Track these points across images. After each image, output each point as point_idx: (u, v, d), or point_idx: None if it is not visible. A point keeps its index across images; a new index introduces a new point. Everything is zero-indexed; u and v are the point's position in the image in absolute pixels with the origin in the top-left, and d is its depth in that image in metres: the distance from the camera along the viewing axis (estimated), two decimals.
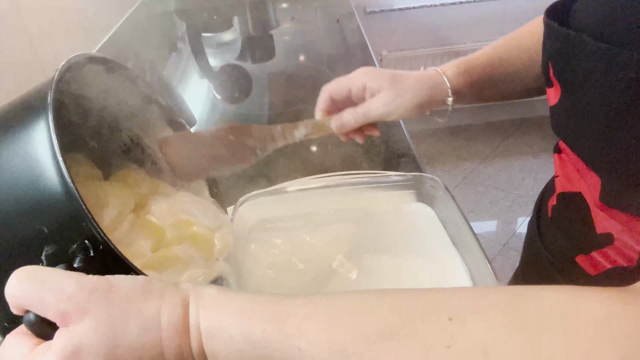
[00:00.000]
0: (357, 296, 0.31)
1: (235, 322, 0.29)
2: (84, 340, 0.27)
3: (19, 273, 0.28)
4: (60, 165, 0.31)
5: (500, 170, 2.38)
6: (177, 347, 0.29)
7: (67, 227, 0.31)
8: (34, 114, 0.33)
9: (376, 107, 0.55)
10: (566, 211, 0.57)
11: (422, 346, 0.27)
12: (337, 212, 0.66)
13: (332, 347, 0.28)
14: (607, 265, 0.51)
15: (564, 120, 0.46)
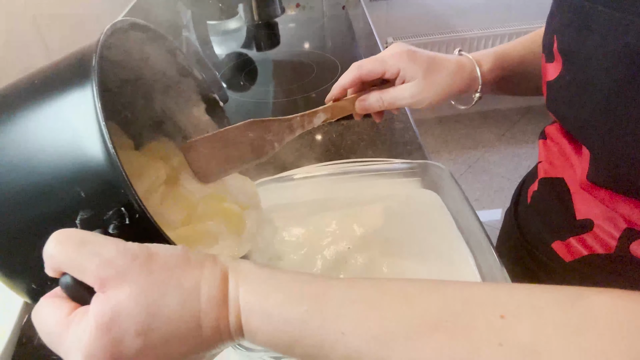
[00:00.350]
0: (404, 285, 0.30)
1: (276, 300, 0.29)
2: (122, 307, 0.27)
3: (60, 235, 0.28)
4: (102, 131, 0.30)
5: (506, 158, 2.37)
6: (214, 321, 0.29)
7: (105, 193, 0.31)
8: (78, 77, 0.32)
9: (403, 97, 0.54)
10: (546, 196, 0.57)
11: (471, 342, 0.26)
12: (343, 199, 0.66)
13: (376, 334, 0.28)
14: (584, 252, 0.51)
15: (561, 95, 0.46)
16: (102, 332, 0.26)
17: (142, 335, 0.27)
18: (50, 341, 0.28)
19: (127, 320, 0.27)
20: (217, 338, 0.29)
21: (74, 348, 0.26)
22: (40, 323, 0.28)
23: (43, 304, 0.29)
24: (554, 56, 0.46)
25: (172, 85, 0.51)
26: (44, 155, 0.32)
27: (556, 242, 0.55)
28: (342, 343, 0.28)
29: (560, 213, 0.53)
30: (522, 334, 0.26)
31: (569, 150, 0.52)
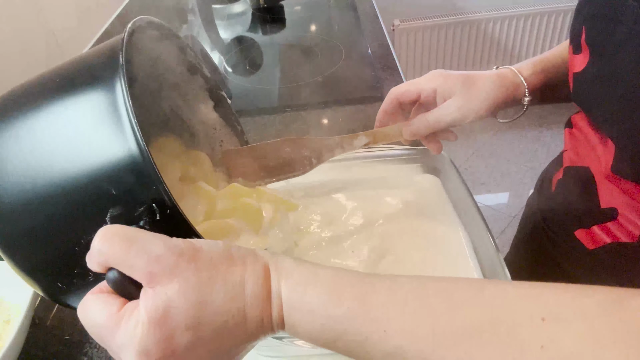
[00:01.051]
0: (447, 286, 0.30)
1: (318, 297, 0.29)
2: (173, 302, 0.27)
3: (107, 230, 0.29)
4: (134, 129, 0.30)
5: (513, 142, 2.36)
6: (259, 315, 0.30)
7: (135, 190, 0.31)
8: (105, 76, 0.33)
9: (448, 112, 0.53)
10: (571, 185, 0.58)
11: (515, 346, 0.27)
12: (342, 183, 0.67)
13: (419, 333, 0.28)
14: (607, 240, 0.52)
15: (587, 87, 0.47)
16: (154, 327, 0.27)
17: (192, 329, 0.28)
18: (100, 336, 0.29)
19: (177, 315, 0.27)
20: (260, 331, 0.30)
21: (127, 343, 0.27)
22: (89, 318, 0.29)
23: (91, 299, 0.29)
24: (582, 48, 0.47)
25: (181, 82, 0.51)
26: (73, 153, 0.32)
27: (579, 230, 0.56)
28: (385, 341, 0.29)
29: (585, 201, 0.54)
30: (564, 338, 0.26)
31: (595, 140, 0.52)
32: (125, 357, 0.28)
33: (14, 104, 0.35)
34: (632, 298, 0.27)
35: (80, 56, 0.37)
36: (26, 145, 0.33)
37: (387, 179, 0.68)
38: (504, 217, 1.98)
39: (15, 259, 0.34)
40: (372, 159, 0.69)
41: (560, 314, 0.27)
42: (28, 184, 0.32)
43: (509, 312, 0.28)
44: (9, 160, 0.33)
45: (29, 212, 0.32)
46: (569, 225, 0.58)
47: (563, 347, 0.26)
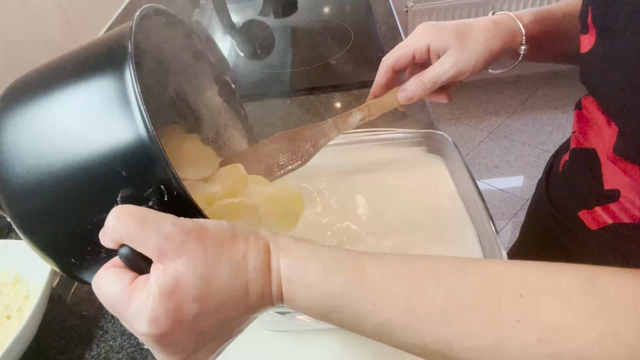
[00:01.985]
0: (434, 263, 0.32)
1: (315, 273, 0.31)
2: (182, 277, 0.29)
3: (121, 209, 0.30)
4: (143, 113, 0.32)
5: (528, 124, 2.33)
6: (260, 289, 0.32)
7: (145, 172, 0.33)
8: (115, 61, 0.34)
9: (445, 69, 0.50)
10: (577, 166, 0.58)
11: (494, 320, 0.28)
12: (347, 164, 0.69)
13: (406, 307, 0.30)
14: (609, 221, 0.53)
15: (593, 67, 0.47)
16: (164, 299, 0.29)
17: (199, 302, 0.30)
18: (113, 307, 0.30)
19: (185, 288, 0.29)
20: (261, 303, 0.32)
21: (139, 313, 0.29)
22: (103, 290, 0.31)
23: (104, 273, 0.31)
24: (588, 28, 0.46)
25: (187, 67, 0.52)
26: (85, 136, 0.33)
27: (583, 211, 0.56)
28: (375, 314, 0.31)
29: (589, 182, 0.54)
30: (540, 313, 0.28)
31: (602, 121, 0.52)
32: (137, 326, 0.29)
33: (30, 88, 0.37)
34: (607, 275, 0.28)
35: (91, 42, 0.39)
36: (41, 128, 0.35)
37: (391, 162, 0.69)
38: (516, 200, 1.97)
39: (32, 237, 0.36)
40: (375, 142, 0.70)
41: (538, 290, 0.29)
42: (43, 165, 0.34)
43: (489, 288, 0.30)
44: (25, 143, 0.35)
45: (44, 192, 0.34)
46: (573, 206, 0.58)
47: (538, 321, 0.28)
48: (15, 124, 0.36)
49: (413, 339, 0.31)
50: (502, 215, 1.92)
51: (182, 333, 0.30)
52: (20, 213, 0.35)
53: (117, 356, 0.57)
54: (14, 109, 0.36)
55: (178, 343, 0.30)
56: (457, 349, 0.29)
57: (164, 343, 0.30)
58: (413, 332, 0.30)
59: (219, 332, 0.32)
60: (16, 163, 0.35)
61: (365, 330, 0.32)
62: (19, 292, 0.60)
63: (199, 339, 0.31)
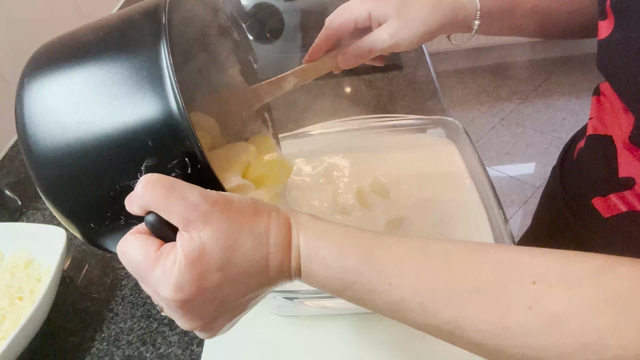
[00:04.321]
0: (448, 247, 0.33)
1: (332, 250, 0.32)
2: (207, 246, 0.30)
3: (150, 177, 0.31)
4: (173, 86, 0.32)
5: (541, 110, 2.30)
6: (279, 262, 0.32)
7: (171, 144, 0.33)
8: (148, 32, 0.34)
9: (382, 39, 0.50)
10: (592, 153, 0.58)
11: (505, 305, 0.29)
12: (357, 148, 0.69)
13: (420, 288, 0.31)
14: (623, 209, 0.52)
15: (611, 55, 0.46)
16: (190, 266, 0.29)
17: (222, 271, 0.30)
18: (138, 271, 0.31)
19: (210, 256, 0.30)
20: (279, 277, 0.33)
21: (164, 278, 0.30)
22: (128, 255, 0.31)
23: (130, 238, 0.32)
24: (607, 14, 0.45)
25: (211, 44, 0.51)
26: (115, 105, 0.34)
27: (597, 198, 0.56)
28: (389, 293, 0.32)
29: (604, 170, 0.54)
30: (551, 301, 0.28)
31: (619, 108, 0.51)
32: (162, 291, 0.30)
33: (59, 55, 0.37)
34: (621, 265, 0.28)
35: (124, 11, 0.38)
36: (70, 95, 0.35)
37: (403, 147, 0.69)
38: (527, 187, 1.95)
39: (55, 200, 0.36)
40: (387, 129, 0.69)
41: (551, 278, 0.29)
42: (70, 131, 0.34)
43: (502, 274, 0.30)
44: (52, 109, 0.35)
45: (70, 158, 0.35)
46: (586, 193, 0.58)
47: (550, 308, 0.28)
48: (44, 91, 0.36)
49: (425, 319, 0.31)
50: (512, 202, 1.91)
51: (204, 300, 0.31)
52: (45, 177, 0.36)
53: (127, 338, 0.57)
54: (43, 71, 0.36)
55: (199, 310, 0.31)
56: (468, 331, 0.30)
57: (185, 308, 0.30)
58: (425, 312, 0.31)
59: (236, 303, 0.33)
60: (43, 128, 0.35)
61: (379, 308, 0.33)
62: (31, 274, 0.61)
63: (218, 307, 0.32)
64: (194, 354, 0.55)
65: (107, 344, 0.57)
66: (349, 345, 0.52)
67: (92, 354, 0.56)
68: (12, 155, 0.92)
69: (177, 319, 0.32)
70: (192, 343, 0.56)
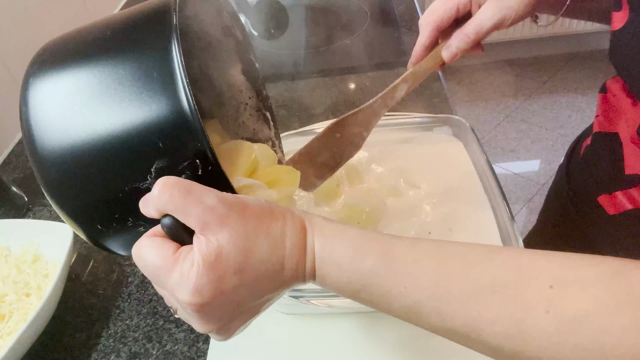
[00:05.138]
0: (463, 249, 0.33)
1: (347, 252, 0.32)
2: (224, 249, 0.30)
3: (168, 180, 0.31)
4: (185, 87, 0.32)
5: (546, 107, 2.29)
6: (295, 264, 0.32)
7: (182, 145, 0.33)
8: (159, 31, 0.34)
9: (489, 16, 0.48)
10: (598, 150, 0.57)
11: (522, 308, 0.29)
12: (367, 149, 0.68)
13: (436, 290, 0.31)
14: (629, 206, 0.52)
15: (624, 46, 0.46)
16: (208, 269, 0.30)
17: (239, 274, 0.30)
18: (155, 275, 0.31)
19: (227, 259, 0.30)
20: (294, 279, 0.33)
21: (182, 282, 0.30)
22: (145, 258, 0.31)
23: (146, 242, 0.32)
24: (622, 4, 0.45)
25: (213, 43, 0.51)
26: (124, 103, 0.33)
27: (602, 196, 0.56)
28: (404, 295, 0.31)
29: (610, 167, 0.54)
30: (568, 304, 0.28)
31: (627, 104, 0.51)
32: (180, 294, 0.30)
33: (66, 51, 0.37)
34: (636, 268, 0.28)
35: (133, 9, 0.38)
36: (77, 93, 0.34)
37: (410, 145, 0.68)
38: (532, 184, 1.95)
39: (60, 201, 0.36)
40: (390, 127, 0.69)
41: (566, 281, 0.29)
42: (78, 130, 0.34)
43: (519, 277, 0.30)
44: (59, 107, 0.34)
45: (78, 158, 0.34)
46: (592, 191, 0.58)
47: (566, 311, 0.28)
48: (49, 90, 0.35)
49: (441, 322, 0.31)
50: (517, 199, 1.90)
51: (221, 303, 0.31)
52: (50, 178, 0.35)
53: (133, 335, 0.58)
54: (48, 71, 0.36)
55: (216, 313, 0.31)
56: (484, 334, 0.30)
57: (203, 312, 0.30)
58: (441, 315, 0.31)
59: (252, 305, 0.33)
60: (49, 129, 0.34)
61: (393, 311, 0.33)
62: (38, 270, 0.61)
63: (234, 310, 0.32)
64: (200, 351, 0.55)
65: (113, 340, 0.58)
66: (355, 343, 0.52)
67: (99, 350, 0.57)
68: (18, 151, 0.92)
69: (193, 322, 0.32)
70: (198, 340, 0.56)
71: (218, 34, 0.51)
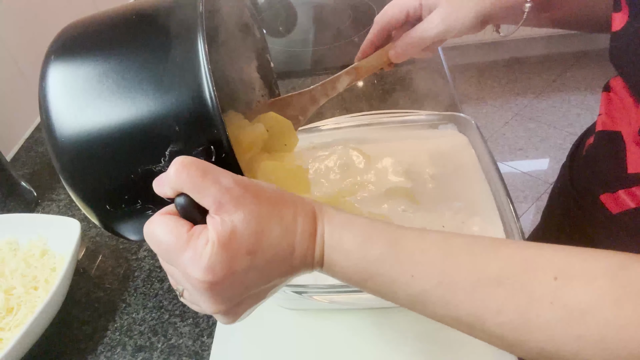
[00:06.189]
0: (470, 241, 0.33)
1: (356, 239, 0.33)
2: (237, 229, 0.30)
3: (184, 159, 0.31)
4: (206, 73, 0.32)
5: (555, 105, 2.28)
6: (304, 251, 0.33)
7: (199, 131, 0.33)
8: (183, 18, 0.34)
9: (433, 25, 0.49)
10: (601, 149, 0.57)
11: (527, 299, 0.29)
12: (370, 145, 0.69)
13: (443, 280, 0.31)
14: (631, 205, 0.52)
15: (624, 47, 0.45)
16: (222, 248, 0.30)
17: (251, 255, 0.31)
18: (167, 251, 0.31)
19: (241, 240, 0.30)
20: (302, 266, 0.33)
21: (195, 259, 0.30)
22: (157, 235, 0.31)
23: (160, 219, 0.32)
24: (621, 5, 0.45)
25: (231, 39, 0.51)
26: (142, 87, 0.34)
27: (605, 195, 0.56)
28: (411, 284, 0.32)
29: (613, 166, 0.54)
30: (571, 297, 0.28)
31: (630, 103, 0.51)
32: (192, 271, 0.30)
33: (87, 35, 0.37)
34: (633, 263, 0.29)
35: None
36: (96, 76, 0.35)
37: (417, 142, 0.68)
38: (540, 183, 1.94)
39: (73, 180, 0.36)
40: (396, 124, 0.69)
41: (571, 274, 0.29)
42: (96, 111, 0.34)
43: (524, 269, 0.30)
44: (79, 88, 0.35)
45: (94, 138, 0.35)
46: (595, 190, 0.58)
47: (570, 303, 0.28)
48: (70, 69, 0.35)
49: (446, 311, 0.32)
50: (525, 198, 1.89)
51: (232, 284, 0.31)
52: (65, 156, 0.35)
53: (139, 328, 0.58)
54: (68, 54, 0.36)
55: (225, 293, 0.31)
56: (488, 324, 0.30)
57: (213, 291, 0.31)
58: (447, 305, 0.31)
59: (260, 289, 0.33)
60: (68, 106, 0.35)
61: (400, 299, 0.33)
62: (45, 264, 0.62)
63: (243, 292, 0.32)
64: (204, 345, 0.55)
65: (119, 333, 0.58)
66: (357, 339, 0.53)
67: (105, 344, 0.58)
68: (27, 146, 0.93)
69: (202, 302, 0.32)
70: (202, 334, 0.56)
71: (237, 31, 0.51)
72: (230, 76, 0.55)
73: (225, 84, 0.55)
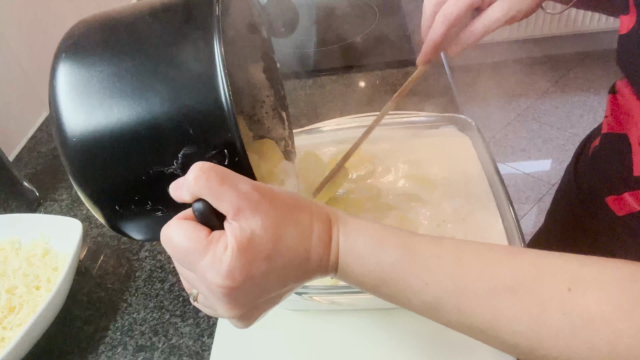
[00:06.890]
0: (483, 248, 0.33)
1: (369, 246, 0.33)
2: (256, 234, 0.30)
3: (203, 165, 0.31)
4: (222, 78, 0.32)
5: (558, 106, 2.27)
6: (319, 257, 0.33)
7: (213, 134, 0.33)
8: (199, 19, 0.34)
9: (497, 17, 0.46)
10: (607, 151, 0.57)
11: (540, 309, 0.29)
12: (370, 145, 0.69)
13: (456, 288, 0.31)
14: (636, 208, 0.52)
15: (631, 50, 0.45)
16: (241, 253, 0.30)
17: (269, 260, 0.31)
18: (185, 255, 0.31)
19: (259, 245, 0.31)
20: (317, 270, 0.34)
21: (215, 265, 0.30)
22: (175, 239, 0.31)
23: (178, 224, 0.31)
24: (629, 8, 0.45)
25: (238, 39, 0.51)
26: (156, 88, 0.33)
27: (610, 197, 0.56)
28: (425, 291, 0.32)
29: (619, 168, 0.54)
30: (584, 307, 0.28)
31: (636, 106, 0.51)
32: (211, 276, 0.30)
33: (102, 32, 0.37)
34: None
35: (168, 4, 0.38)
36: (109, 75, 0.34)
37: (419, 142, 0.69)
38: (542, 184, 1.93)
39: (83, 179, 0.36)
40: (397, 125, 0.69)
41: (584, 284, 0.29)
42: (108, 110, 0.34)
43: (537, 278, 0.30)
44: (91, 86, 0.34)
45: (106, 137, 0.34)
46: (600, 192, 0.58)
47: (582, 314, 0.28)
48: (81, 67, 0.35)
49: (460, 318, 0.32)
50: (527, 199, 1.89)
51: (250, 288, 0.31)
52: (75, 154, 0.35)
53: (140, 328, 0.59)
54: (80, 50, 0.36)
55: (242, 298, 0.31)
56: (501, 332, 0.31)
57: (232, 295, 0.31)
58: (460, 312, 0.32)
59: (275, 294, 0.33)
60: (78, 103, 0.34)
61: (413, 306, 0.33)
62: (47, 263, 0.62)
63: (259, 297, 0.32)
64: (205, 345, 0.56)
65: (120, 333, 0.59)
66: (357, 339, 0.53)
67: (106, 343, 0.58)
68: (30, 146, 0.94)
69: (218, 306, 0.32)
70: (203, 335, 0.57)
71: (245, 31, 0.51)
72: (236, 76, 0.55)
73: (231, 84, 0.55)
